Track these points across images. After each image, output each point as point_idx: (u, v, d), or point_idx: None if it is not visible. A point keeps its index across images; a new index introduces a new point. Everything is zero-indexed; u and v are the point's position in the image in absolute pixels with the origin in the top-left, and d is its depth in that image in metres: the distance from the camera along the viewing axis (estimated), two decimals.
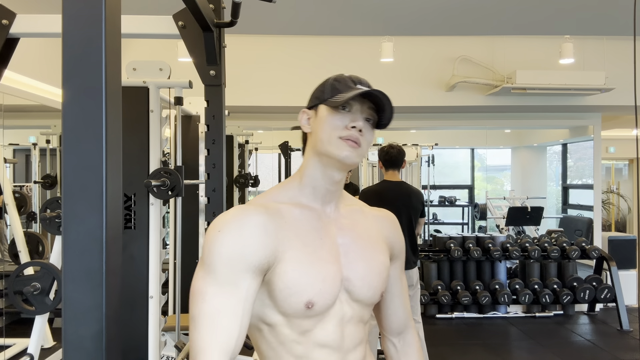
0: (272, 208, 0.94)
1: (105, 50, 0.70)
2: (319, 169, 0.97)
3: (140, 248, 2.37)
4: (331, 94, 0.96)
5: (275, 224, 0.91)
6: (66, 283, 0.70)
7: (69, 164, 0.70)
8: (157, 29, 1.93)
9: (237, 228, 0.87)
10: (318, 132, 0.95)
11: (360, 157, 0.94)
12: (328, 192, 0.98)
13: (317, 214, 0.98)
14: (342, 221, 1.01)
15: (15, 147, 4.28)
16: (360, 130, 0.93)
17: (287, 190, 0.99)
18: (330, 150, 0.93)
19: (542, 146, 8.58)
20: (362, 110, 0.95)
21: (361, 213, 1.06)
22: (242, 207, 0.92)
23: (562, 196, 8.30)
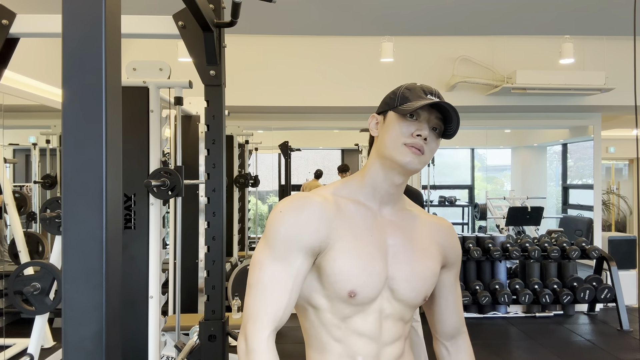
0: (331, 200, 1.00)
1: (105, 50, 0.70)
2: (381, 172, 1.02)
3: (140, 248, 2.37)
4: (401, 102, 0.99)
5: (331, 214, 0.98)
6: (66, 283, 0.70)
7: (68, 164, 0.70)
8: (157, 29, 1.93)
9: (296, 212, 0.96)
10: (384, 137, 1.00)
11: (422, 164, 0.98)
12: (387, 194, 1.03)
13: (372, 213, 1.03)
14: (396, 224, 1.04)
15: (15, 147, 4.27)
16: (425, 138, 0.96)
17: (349, 186, 1.05)
18: (394, 155, 0.97)
19: (542, 146, 8.58)
20: (429, 119, 0.98)
21: (417, 219, 1.09)
22: (304, 194, 1.00)
23: (562, 196, 8.30)
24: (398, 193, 1.04)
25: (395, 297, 1.00)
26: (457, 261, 1.14)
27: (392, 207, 1.05)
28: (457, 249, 1.14)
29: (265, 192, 9.49)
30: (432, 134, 0.98)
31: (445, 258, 1.10)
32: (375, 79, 5.00)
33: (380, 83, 5.02)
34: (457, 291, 1.17)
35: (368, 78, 4.99)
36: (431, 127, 0.98)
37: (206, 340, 2.09)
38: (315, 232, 0.95)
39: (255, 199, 7.39)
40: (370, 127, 1.06)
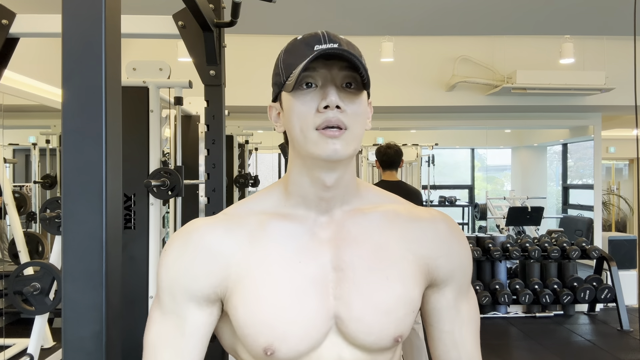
0: (238, 221, 0.76)
1: (105, 50, 0.70)
2: (304, 174, 0.75)
3: (140, 248, 2.37)
4: (286, 74, 0.73)
5: (233, 243, 0.73)
6: (66, 283, 0.70)
7: (68, 164, 0.70)
8: (157, 29, 1.93)
9: (179, 250, 0.74)
10: (290, 130, 0.73)
11: (352, 143, 0.71)
12: (321, 200, 0.76)
13: (307, 227, 0.76)
14: (345, 236, 0.76)
15: (15, 147, 4.27)
16: (337, 106, 0.69)
17: (272, 196, 0.79)
18: (310, 150, 0.70)
19: (543, 146, 8.58)
20: (332, 77, 0.71)
21: (384, 220, 0.79)
22: (195, 222, 0.76)
23: (563, 196, 8.30)
24: (338, 194, 0.76)
25: (350, 342, 0.73)
26: (458, 274, 0.81)
27: (337, 213, 0.77)
28: (455, 256, 0.80)
29: None
30: (346, 94, 0.71)
31: (432, 272, 0.78)
32: (375, 79, 4.95)
33: (380, 83, 5.01)
34: (462, 317, 0.82)
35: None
36: (341, 84, 0.71)
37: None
38: (205, 274, 0.72)
39: None
40: (274, 123, 0.79)
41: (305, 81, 0.71)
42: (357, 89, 0.72)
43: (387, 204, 0.82)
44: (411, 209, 0.82)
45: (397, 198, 0.85)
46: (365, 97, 0.74)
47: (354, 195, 0.79)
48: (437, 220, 0.81)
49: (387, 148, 3.32)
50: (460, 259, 0.81)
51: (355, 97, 0.72)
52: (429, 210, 0.83)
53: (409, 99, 5.10)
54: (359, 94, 0.72)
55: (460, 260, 0.81)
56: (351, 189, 0.79)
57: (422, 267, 0.78)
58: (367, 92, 0.74)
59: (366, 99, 0.74)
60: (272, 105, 0.79)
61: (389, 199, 0.84)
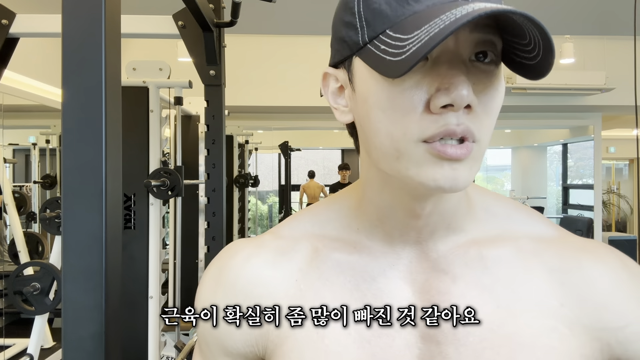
0: (293, 247, 0.53)
1: (105, 50, 0.70)
2: (387, 194, 0.49)
3: (140, 248, 2.37)
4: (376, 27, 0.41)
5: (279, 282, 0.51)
6: (66, 283, 0.70)
7: (68, 164, 0.70)
8: (157, 29, 1.93)
9: (210, 288, 0.55)
10: (369, 131, 0.45)
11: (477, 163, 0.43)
12: (409, 230, 0.49)
13: (384, 266, 0.50)
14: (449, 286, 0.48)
15: (15, 147, 4.27)
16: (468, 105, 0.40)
17: (336, 213, 0.55)
18: (407, 173, 0.43)
19: (543, 146, 8.59)
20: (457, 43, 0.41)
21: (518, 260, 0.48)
22: (231, 250, 0.56)
23: (563, 196, 8.30)
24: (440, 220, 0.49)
25: None
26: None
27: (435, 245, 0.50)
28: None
29: (265, 192, 9.49)
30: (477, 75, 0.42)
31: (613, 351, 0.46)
32: None
33: None
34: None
35: None
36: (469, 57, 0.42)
37: None
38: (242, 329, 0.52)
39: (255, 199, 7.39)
40: (331, 104, 0.50)
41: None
42: (494, 63, 0.43)
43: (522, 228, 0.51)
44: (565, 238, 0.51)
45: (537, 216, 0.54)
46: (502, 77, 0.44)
47: (464, 219, 0.51)
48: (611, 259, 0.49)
49: None
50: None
51: (490, 80, 0.42)
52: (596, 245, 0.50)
53: None
54: (497, 74, 0.43)
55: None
56: (460, 214, 0.50)
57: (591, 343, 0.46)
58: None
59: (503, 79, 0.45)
60: (331, 72, 0.50)
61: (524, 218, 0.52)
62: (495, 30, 0.41)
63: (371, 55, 0.41)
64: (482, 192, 0.55)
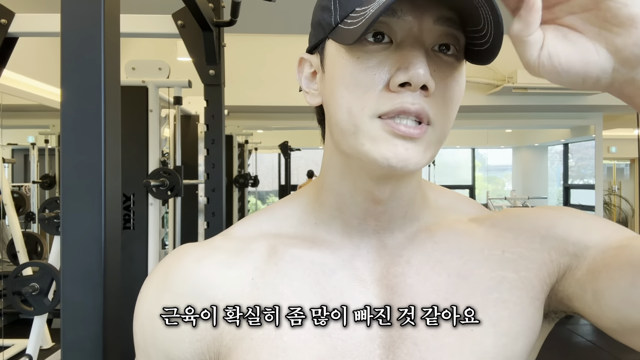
0: (246, 247, 0.51)
1: (104, 50, 0.70)
2: (347, 179, 0.49)
3: (139, 248, 2.37)
4: (342, 11, 0.44)
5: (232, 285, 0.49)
6: (65, 284, 0.69)
7: (67, 164, 0.69)
8: (157, 28, 1.93)
9: (156, 294, 0.51)
10: (332, 107, 0.46)
11: (433, 147, 0.44)
12: (368, 217, 0.50)
13: (343, 259, 0.50)
14: (405, 270, 0.49)
15: (14, 147, 4.27)
16: (424, 86, 0.41)
17: (292, 209, 0.54)
18: (362, 148, 0.43)
19: (544, 146, 8.59)
20: (421, 31, 0.42)
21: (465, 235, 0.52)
22: (180, 252, 0.52)
23: (564, 196, 8.30)
24: (399, 207, 0.50)
25: None
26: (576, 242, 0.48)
27: (393, 236, 0.51)
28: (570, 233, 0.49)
29: (265, 192, 9.50)
30: (438, 65, 0.43)
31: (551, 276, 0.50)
32: None
33: None
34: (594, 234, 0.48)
35: None
36: (432, 47, 0.43)
37: None
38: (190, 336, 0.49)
39: (255, 199, 7.39)
40: (303, 88, 0.51)
41: (374, 29, 0.42)
42: (456, 56, 0.44)
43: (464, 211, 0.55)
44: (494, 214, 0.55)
45: (475, 202, 0.59)
46: (464, 73, 0.46)
47: (420, 209, 0.53)
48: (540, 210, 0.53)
49: None
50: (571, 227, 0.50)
51: (452, 71, 0.44)
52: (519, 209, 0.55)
53: None
54: (458, 67, 0.44)
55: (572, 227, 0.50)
56: (417, 203, 0.52)
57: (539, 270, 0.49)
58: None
59: (464, 75, 0.46)
60: (306, 57, 0.51)
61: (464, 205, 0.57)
62: (458, 25, 0.43)
63: (338, 31, 0.44)
64: (431, 186, 0.58)
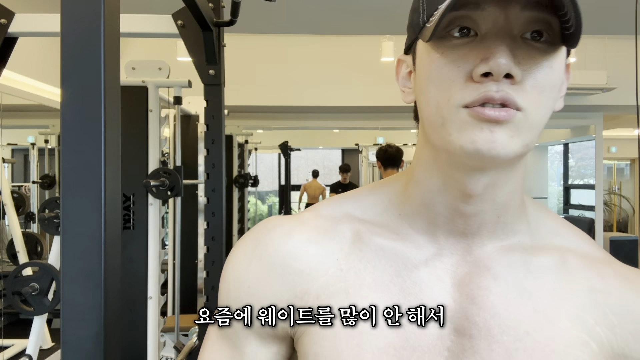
0: (334, 228, 0.53)
1: (104, 50, 0.69)
2: (435, 174, 0.49)
3: (139, 248, 2.37)
4: (429, 12, 0.44)
5: (319, 259, 0.51)
6: (65, 284, 0.69)
7: (67, 163, 0.69)
8: (156, 28, 1.93)
9: (245, 259, 0.53)
10: (422, 102, 0.48)
11: (524, 133, 0.43)
12: (457, 217, 0.49)
13: (425, 256, 0.50)
14: (489, 284, 0.48)
15: (14, 147, 4.27)
16: (508, 74, 0.41)
17: (380, 197, 0.55)
18: (449, 138, 0.44)
19: (544, 146, 8.59)
20: (508, 21, 0.42)
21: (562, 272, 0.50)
22: (271, 222, 0.55)
23: (564, 196, 8.30)
24: (491, 212, 0.48)
25: None
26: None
27: (482, 245, 0.50)
28: None
29: (265, 192, 9.50)
30: (527, 52, 0.42)
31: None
32: (375, 79, 4.99)
33: (380, 83, 5.00)
34: None
35: (368, 78, 4.98)
36: (521, 34, 0.43)
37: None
38: (274, 299, 0.51)
39: (255, 199, 7.39)
40: (400, 87, 0.53)
41: (459, 24, 0.43)
42: (550, 42, 0.43)
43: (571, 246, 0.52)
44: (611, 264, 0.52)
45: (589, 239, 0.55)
46: (563, 59, 0.45)
47: (516, 223, 0.51)
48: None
49: (388, 147, 3.35)
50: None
51: (544, 57, 0.43)
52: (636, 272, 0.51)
53: None
54: (552, 53, 0.43)
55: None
56: (512, 210, 0.50)
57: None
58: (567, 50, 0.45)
59: (563, 61, 0.45)
60: (403, 58, 0.53)
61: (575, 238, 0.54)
62: (549, 10, 0.41)
63: (423, 30, 0.45)
64: (536, 204, 0.57)
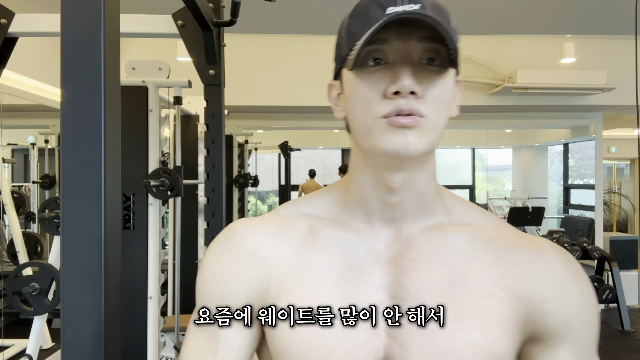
0: (286, 224, 0.65)
1: (104, 50, 0.70)
2: (367, 174, 0.62)
3: (139, 248, 2.37)
4: (348, 45, 0.58)
5: (278, 250, 0.63)
6: (65, 284, 0.69)
7: (67, 164, 0.69)
8: (156, 28, 1.93)
9: (216, 255, 0.64)
10: (350, 117, 0.60)
11: (429, 134, 0.56)
12: (386, 207, 0.62)
13: (366, 241, 0.62)
14: (412, 257, 0.61)
15: (14, 147, 4.27)
16: (412, 92, 0.54)
17: (329, 197, 0.67)
18: (373, 142, 0.56)
19: (544, 146, 8.59)
20: (409, 51, 0.55)
21: (472, 243, 0.62)
22: (237, 223, 0.66)
23: (564, 196, 8.30)
24: (413, 200, 0.61)
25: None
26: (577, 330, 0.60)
27: (407, 227, 0.62)
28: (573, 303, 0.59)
29: (265, 192, 9.50)
30: (425, 74, 0.56)
31: (536, 320, 0.59)
32: None
33: None
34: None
35: None
36: (419, 60, 0.56)
37: None
38: (244, 285, 0.61)
39: (255, 199, 7.39)
40: (332, 107, 0.65)
41: (373, 56, 0.56)
42: (441, 65, 0.56)
43: (480, 223, 0.64)
44: (512, 233, 0.64)
45: (495, 217, 0.68)
46: (452, 77, 0.59)
47: (434, 208, 0.64)
48: (548, 253, 0.61)
49: None
50: (581, 310, 0.60)
51: (437, 77, 0.56)
52: (537, 239, 0.63)
53: None
54: (443, 73, 0.57)
55: (582, 312, 0.60)
56: (429, 197, 0.63)
57: (520, 311, 0.58)
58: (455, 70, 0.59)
59: (453, 78, 0.59)
60: (332, 83, 0.65)
61: (483, 217, 0.66)
62: (437, 41, 0.54)
63: (346, 61, 0.58)
64: (451, 194, 0.69)
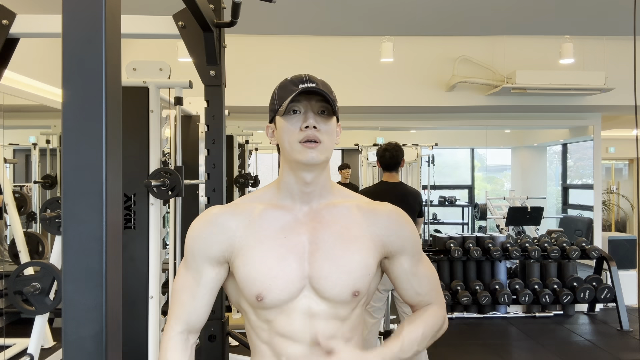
0: (242, 207, 1.06)
1: (105, 50, 0.70)
2: (291, 175, 1.04)
3: (140, 248, 2.37)
4: (279, 103, 1.01)
5: (237, 222, 1.03)
6: (66, 283, 0.70)
7: (68, 164, 0.70)
8: (157, 29, 1.93)
9: (200, 226, 1.05)
10: (282, 143, 1.03)
11: (324, 152, 1.00)
12: (303, 193, 1.05)
13: (292, 214, 1.05)
14: (320, 220, 1.04)
15: (15, 147, 4.28)
16: (314, 127, 0.98)
17: (270, 191, 1.09)
18: (295, 156, 0.99)
19: (542, 146, 8.59)
20: (311, 106, 1.01)
21: (351, 210, 1.07)
22: (212, 208, 1.08)
23: (562, 196, 8.31)
24: (318, 189, 1.05)
25: (319, 295, 1.00)
26: (408, 247, 1.09)
27: (315, 204, 1.06)
28: (402, 236, 1.09)
29: None
30: (320, 118, 1.00)
31: (386, 247, 1.07)
32: (375, 79, 4.99)
33: (380, 83, 5.01)
34: (420, 273, 1.12)
35: (368, 78, 4.99)
36: (317, 112, 1.00)
37: (206, 340, 2.09)
38: (217, 243, 1.02)
39: None
40: (269, 138, 1.07)
41: (292, 108, 1.01)
42: (328, 115, 1.02)
43: (353, 199, 1.11)
44: (370, 202, 1.11)
45: (361, 196, 1.14)
46: (335, 121, 1.04)
47: (328, 193, 1.08)
48: (389, 210, 1.10)
49: (384, 151, 3.28)
50: (408, 235, 1.10)
51: (327, 120, 1.02)
52: (384, 204, 1.12)
53: (409, 99, 5.10)
54: (330, 118, 1.02)
55: (408, 236, 1.10)
56: (326, 187, 1.08)
57: (377, 242, 1.06)
58: (336, 118, 1.04)
59: (335, 122, 1.04)
60: (269, 125, 1.08)
61: (354, 197, 1.13)
62: (327, 102, 1.00)
63: (278, 112, 1.02)
64: (339, 187, 1.13)
